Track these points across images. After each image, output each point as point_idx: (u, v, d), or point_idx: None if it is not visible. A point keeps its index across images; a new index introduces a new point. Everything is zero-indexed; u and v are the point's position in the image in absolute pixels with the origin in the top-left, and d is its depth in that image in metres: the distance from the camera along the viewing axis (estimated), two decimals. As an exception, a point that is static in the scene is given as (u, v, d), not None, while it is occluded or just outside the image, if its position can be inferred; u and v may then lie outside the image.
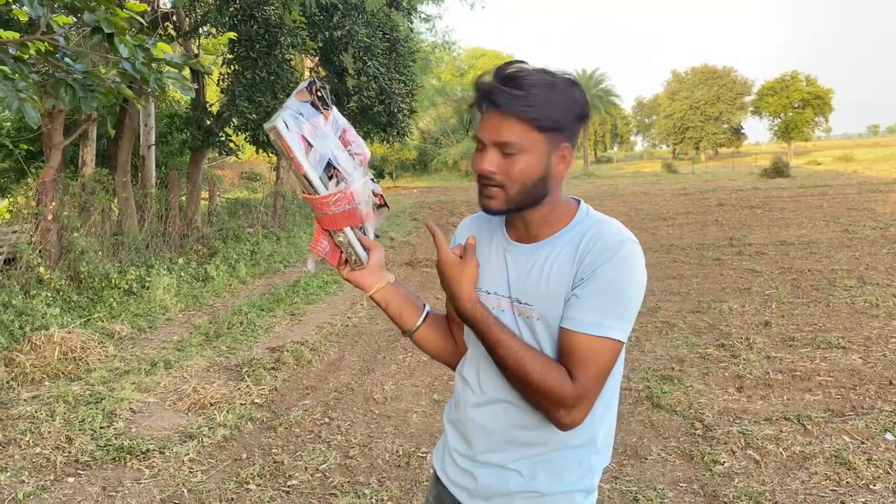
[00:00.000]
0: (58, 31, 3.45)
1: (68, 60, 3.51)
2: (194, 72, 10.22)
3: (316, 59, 12.99)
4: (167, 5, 10.48)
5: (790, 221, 13.10)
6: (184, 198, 10.73)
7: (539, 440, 1.28)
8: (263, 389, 4.62)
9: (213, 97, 13.05)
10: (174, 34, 10.68)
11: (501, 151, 1.20)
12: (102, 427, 3.96)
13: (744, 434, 3.64)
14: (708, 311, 6.43)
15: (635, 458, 3.46)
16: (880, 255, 8.87)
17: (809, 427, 3.74)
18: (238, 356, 5.43)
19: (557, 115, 1.18)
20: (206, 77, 11.55)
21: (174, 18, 10.81)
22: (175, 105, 13.48)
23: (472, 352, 1.38)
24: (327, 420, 4.14)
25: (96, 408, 4.20)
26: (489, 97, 1.19)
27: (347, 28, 11.67)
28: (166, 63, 3.57)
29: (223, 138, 11.54)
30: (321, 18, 11.42)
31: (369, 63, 12.05)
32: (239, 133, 11.47)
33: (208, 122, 11.20)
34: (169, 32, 10.47)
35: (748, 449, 3.49)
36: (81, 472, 3.44)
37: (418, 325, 1.48)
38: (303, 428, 4.00)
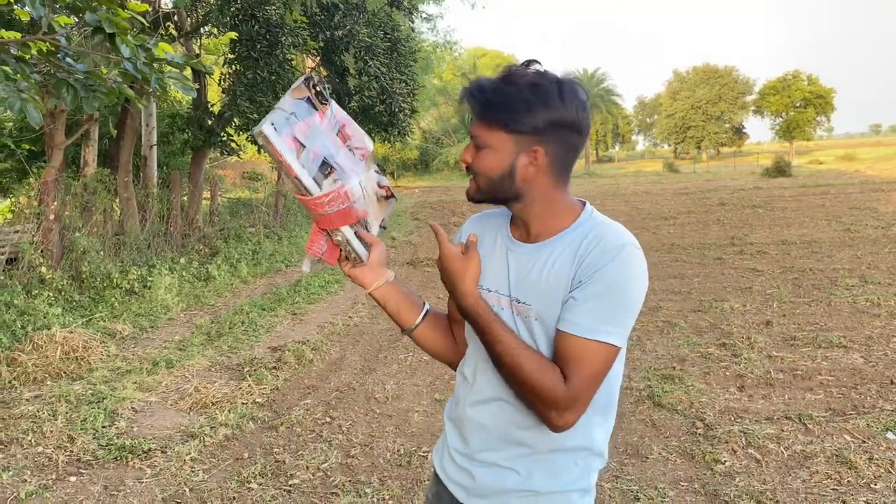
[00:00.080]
0: (59, 32, 3.46)
1: (70, 60, 3.51)
2: (196, 72, 10.24)
3: (317, 59, 12.99)
4: (168, 5, 10.48)
5: (792, 221, 13.09)
6: (185, 197, 10.73)
7: (536, 440, 1.28)
8: (265, 389, 4.63)
9: (215, 97, 13.05)
10: (175, 34, 10.69)
11: (475, 145, 1.28)
12: (104, 426, 3.97)
13: (745, 433, 3.64)
14: (709, 311, 6.43)
15: (636, 458, 3.46)
16: (882, 255, 8.86)
17: (810, 426, 3.74)
18: (239, 355, 5.44)
19: (520, 119, 1.21)
20: (208, 77, 11.55)
21: (175, 18, 10.82)
22: (176, 105, 13.48)
23: (472, 349, 1.38)
24: (329, 419, 4.15)
25: (98, 407, 4.21)
26: (464, 99, 1.28)
27: (349, 28, 11.67)
28: (168, 63, 3.57)
29: (224, 138, 11.55)
30: (322, 18, 11.43)
31: (370, 63, 12.05)
32: (240, 133, 11.48)
33: (210, 122, 11.21)
34: (170, 32, 10.48)
35: (749, 448, 3.49)
36: (83, 472, 3.44)
37: (417, 323, 1.48)
38: (304, 427, 4.01)
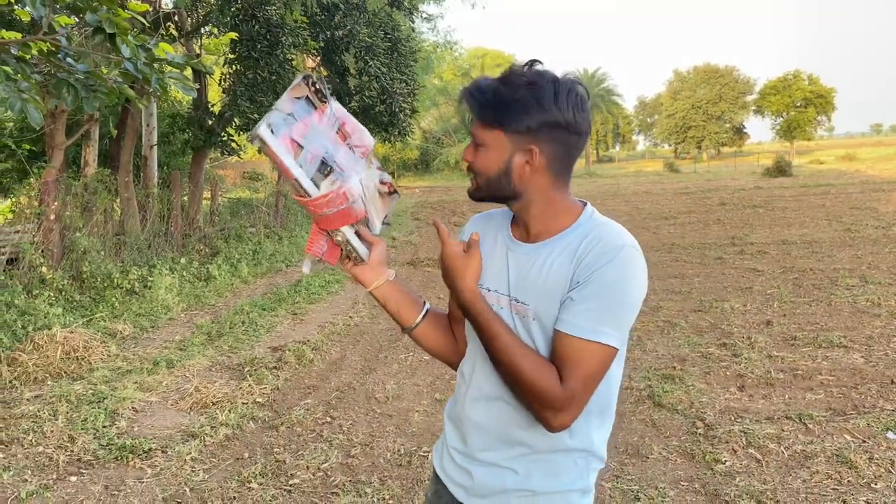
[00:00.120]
0: (60, 32, 3.46)
1: (70, 61, 3.51)
2: (196, 72, 10.25)
3: (317, 59, 13.00)
4: (169, 5, 10.48)
5: (792, 220, 13.09)
6: (186, 198, 10.74)
7: (535, 440, 1.28)
8: (265, 389, 4.63)
9: (215, 97, 13.06)
10: (176, 34, 10.70)
11: (475, 144, 1.30)
12: (105, 426, 3.97)
13: (745, 433, 3.64)
14: (709, 311, 6.43)
15: (637, 457, 3.47)
16: (882, 255, 8.86)
17: (811, 426, 3.74)
18: (240, 355, 5.44)
19: (516, 118, 1.22)
20: (208, 77, 11.56)
21: (176, 19, 10.82)
22: (177, 105, 13.49)
23: (471, 347, 1.39)
24: (329, 419, 4.15)
25: (99, 407, 4.21)
26: (463, 100, 1.30)
27: (349, 28, 11.68)
28: (168, 63, 3.57)
29: (225, 138, 11.56)
30: (323, 18, 11.43)
31: (371, 63, 12.06)
32: (241, 133, 11.48)
33: (210, 122, 11.21)
34: (171, 32, 10.49)
35: (749, 448, 3.49)
36: (84, 471, 3.45)
37: (418, 322, 1.48)
38: (304, 427, 4.01)
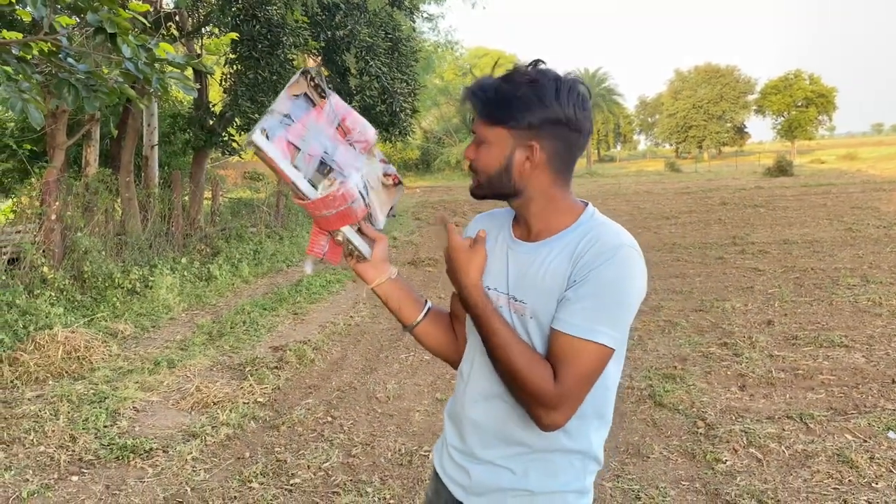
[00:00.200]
0: (61, 32, 3.46)
1: (71, 61, 3.52)
2: (197, 72, 10.25)
3: (318, 59, 13.00)
4: (170, 5, 10.50)
5: (793, 220, 13.08)
6: (187, 197, 10.75)
7: (533, 439, 1.28)
8: (266, 388, 4.63)
9: (216, 97, 13.07)
10: (177, 34, 10.71)
11: (476, 142, 1.30)
12: (106, 426, 3.97)
13: (746, 432, 3.64)
14: (710, 310, 6.43)
15: (637, 457, 3.47)
16: (884, 254, 8.85)
17: (812, 425, 3.74)
18: (241, 355, 5.45)
19: (517, 115, 1.23)
20: (209, 77, 11.58)
21: (177, 19, 10.84)
22: (178, 105, 13.51)
23: (471, 344, 1.39)
24: (330, 419, 4.15)
25: (100, 407, 4.22)
26: (466, 98, 1.30)
27: (350, 28, 11.68)
28: (169, 63, 3.58)
29: (226, 138, 11.57)
30: (323, 18, 11.43)
31: (371, 63, 12.06)
32: (242, 133, 11.48)
33: (211, 122, 11.22)
34: (171, 33, 10.49)
35: (750, 447, 3.49)
36: (85, 471, 3.45)
37: (419, 320, 1.48)
38: (305, 427, 4.01)
